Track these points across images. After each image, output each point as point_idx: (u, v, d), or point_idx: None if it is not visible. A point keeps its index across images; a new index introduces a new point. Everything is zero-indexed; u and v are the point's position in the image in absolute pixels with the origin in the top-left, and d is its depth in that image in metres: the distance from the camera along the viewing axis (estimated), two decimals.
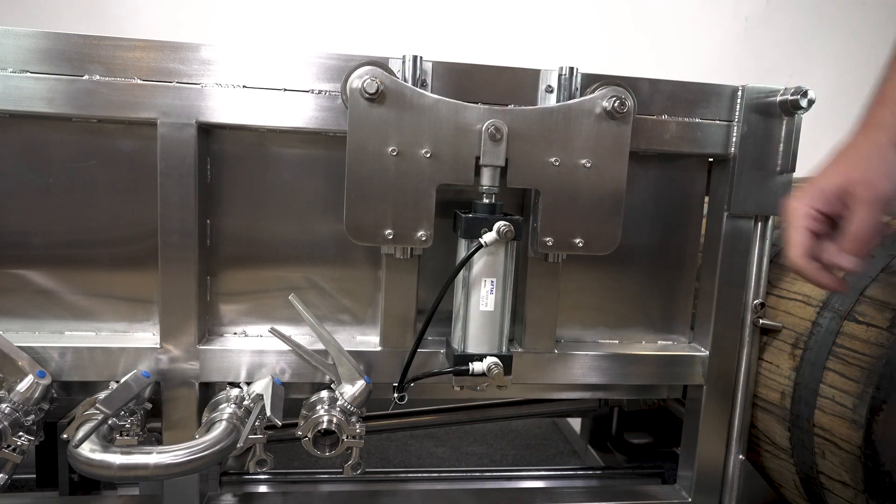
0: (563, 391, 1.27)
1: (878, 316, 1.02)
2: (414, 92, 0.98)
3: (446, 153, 1.00)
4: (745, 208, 1.16)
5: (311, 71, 1.02)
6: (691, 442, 1.25)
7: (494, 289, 1.02)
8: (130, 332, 1.11)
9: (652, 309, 1.26)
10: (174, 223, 1.03)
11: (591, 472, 1.47)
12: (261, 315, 1.15)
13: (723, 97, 1.13)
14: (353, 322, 1.17)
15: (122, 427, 1.00)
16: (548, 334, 1.16)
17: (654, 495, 1.30)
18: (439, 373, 1.07)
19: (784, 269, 1.23)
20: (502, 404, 1.57)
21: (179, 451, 0.94)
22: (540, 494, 1.34)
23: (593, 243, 1.07)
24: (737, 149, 1.13)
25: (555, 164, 1.03)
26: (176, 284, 1.05)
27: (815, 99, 1.08)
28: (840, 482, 1.07)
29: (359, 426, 1.04)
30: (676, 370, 1.21)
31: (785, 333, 1.17)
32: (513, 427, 2.08)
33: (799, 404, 1.11)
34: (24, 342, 1.03)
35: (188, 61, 0.99)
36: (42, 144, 1.04)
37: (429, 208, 1.02)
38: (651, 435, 1.69)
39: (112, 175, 1.06)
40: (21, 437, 0.96)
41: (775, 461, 1.22)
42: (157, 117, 1.00)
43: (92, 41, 0.97)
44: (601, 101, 1.03)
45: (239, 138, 1.09)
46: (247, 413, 1.02)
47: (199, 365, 1.08)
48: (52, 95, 0.97)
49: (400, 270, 1.09)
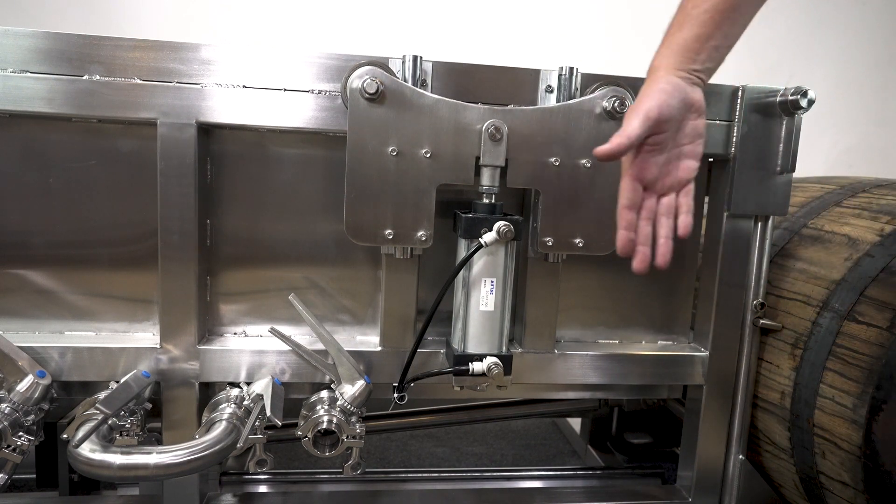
0: (563, 391, 1.27)
1: (878, 316, 1.02)
2: (414, 92, 0.98)
3: (446, 153, 1.00)
4: (745, 208, 1.16)
5: (311, 71, 1.02)
6: (691, 442, 1.25)
7: (494, 289, 1.02)
8: (130, 332, 1.11)
9: (652, 309, 1.26)
10: (174, 223, 1.03)
11: (590, 472, 1.47)
12: (261, 315, 1.15)
13: (723, 97, 1.13)
14: (353, 322, 1.17)
15: (122, 427, 1.00)
16: (548, 334, 1.16)
17: (654, 495, 1.30)
18: (439, 373, 1.07)
19: (784, 269, 1.23)
20: (502, 404, 1.57)
21: (179, 451, 0.94)
22: (540, 494, 1.34)
23: (593, 243, 1.07)
24: (737, 149, 1.13)
25: (555, 164, 1.03)
26: (176, 284, 1.05)
27: (815, 99, 1.08)
28: (840, 482, 1.07)
29: (359, 426, 1.04)
30: (676, 370, 1.21)
31: (785, 333, 1.17)
32: (513, 427, 2.08)
33: (799, 404, 1.11)
34: (24, 342, 1.03)
35: (188, 61, 0.99)
36: (42, 144, 1.04)
37: (429, 208, 1.02)
38: (651, 435, 1.69)
39: (112, 175, 1.06)
40: (21, 437, 0.96)
41: (775, 461, 1.22)
42: (157, 117, 1.00)
43: (92, 41, 0.97)
44: (601, 101, 1.03)
45: (239, 138, 1.09)
46: (247, 413, 1.02)
47: (199, 365, 1.08)
48: (52, 95, 0.97)
49: (400, 270, 1.09)
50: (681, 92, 0.84)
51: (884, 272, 1.06)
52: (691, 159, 0.88)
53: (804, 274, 1.18)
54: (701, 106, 0.87)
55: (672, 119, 0.85)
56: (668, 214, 0.88)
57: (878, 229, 1.12)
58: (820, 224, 1.23)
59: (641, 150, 0.86)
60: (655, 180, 0.88)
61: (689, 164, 0.88)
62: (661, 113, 0.83)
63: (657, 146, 0.86)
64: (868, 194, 1.24)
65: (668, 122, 0.84)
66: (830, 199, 1.28)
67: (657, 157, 0.87)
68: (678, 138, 0.87)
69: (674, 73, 0.84)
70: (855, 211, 1.20)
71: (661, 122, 0.84)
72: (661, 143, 0.86)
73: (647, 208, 0.89)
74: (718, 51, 0.86)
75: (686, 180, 0.89)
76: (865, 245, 1.11)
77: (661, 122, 0.84)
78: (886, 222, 1.12)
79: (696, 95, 0.86)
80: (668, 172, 0.88)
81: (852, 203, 1.23)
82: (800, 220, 1.28)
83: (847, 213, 1.21)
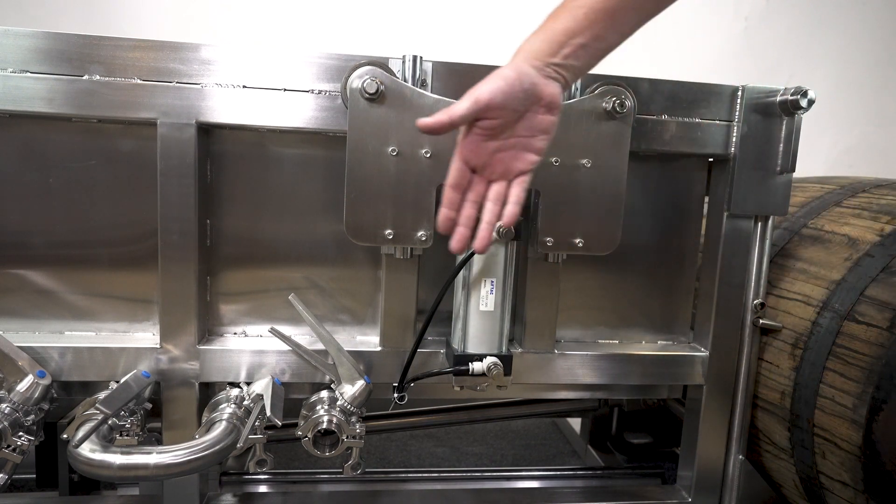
0: (563, 391, 1.27)
1: (878, 316, 1.02)
2: (414, 92, 0.98)
3: (446, 153, 1.00)
4: (745, 208, 1.16)
5: (311, 71, 1.02)
6: (691, 442, 1.25)
7: (494, 289, 1.02)
8: (130, 332, 1.11)
9: (652, 309, 1.26)
10: (174, 223, 1.03)
11: (590, 472, 1.47)
12: (261, 315, 1.15)
13: (723, 97, 1.13)
14: (353, 322, 1.17)
15: (122, 427, 1.00)
16: (548, 334, 1.16)
17: (654, 495, 1.30)
18: (439, 373, 1.07)
19: (784, 269, 1.23)
20: (502, 404, 1.57)
21: (179, 451, 0.94)
22: (540, 494, 1.34)
23: (593, 243, 1.07)
24: (737, 149, 1.13)
25: (555, 164, 1.03)
26: (176, 284, 1.05)
27: (815, 99, 1.08)
28: (840, 482, 1.07)
29: (359, 426, 1.04)
30: (676, 370, 1.21)
31: (785, 333, 1.17)
32: (513, 427, 2.08)
33: (799, 404, 1.11)
34: (24, 342, 1.03)
35: (188, 61, 0.99)
36: (42, 144, 1.04)
37: (429, 208, 1.02)
38: (651, 435, 1.68)
39: (112, 175, 1.06)
40: (21, 437, 0.96)
41: (775, 461, 1.22)
42: (157, 117, 1.00)
43: (92, 41, 0.97)
44: (601, 101, 1.03)
45: (239, 138, 1.09)
46: (247, 413, 1.02)
47: (199, 365, 1.08)
48: (52, 95, 0.97)
49: (400, 270, 1.09)
50: (526, 82, 0.80)
51: (884, 272, 1.06)
52: (530, 152, 0.85)
53: (804, 274, 1.18)
54: (553, 102, 0.83)
55: (508, 108, 0.80)
56: (496, 201, 0.85)
57: (878, 229, 1.12)
58: (820, 224, 1.23)
59: (471, 133, 0.83)
60: (485, 166, 0.85)
61: (528, 156, 0.85)
62: (492, 99, 0.79)
63: (489, 131, 0.82)
64: (868, 194, 1.24)
65: (502, 110, 0.80)
66: (830, 199, 1.28)
67: (489, 143, 0.83)
68: (518, 129, 0.83)
69: (530, 61, 0.81)
70: (855, 211, 1.20)
71: (493, 109, 0.80)
72: (493, 129, 0.82)
73: (474, 191, 0.85)
74: (585, 50, 0.82)
75: (521, 171, 0.85)
76: (865, 245, 1.11)
77: (494, 108, 0.80)
78: (886, 222, 1.12)
79: (548, 90, 0.82)
80: (501, 160, 0.84)
81: (852, 203, 1.23)
82: (800, 220, 1.28)
83: (847, 213, 1.21)
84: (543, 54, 0.81)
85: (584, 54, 0.83)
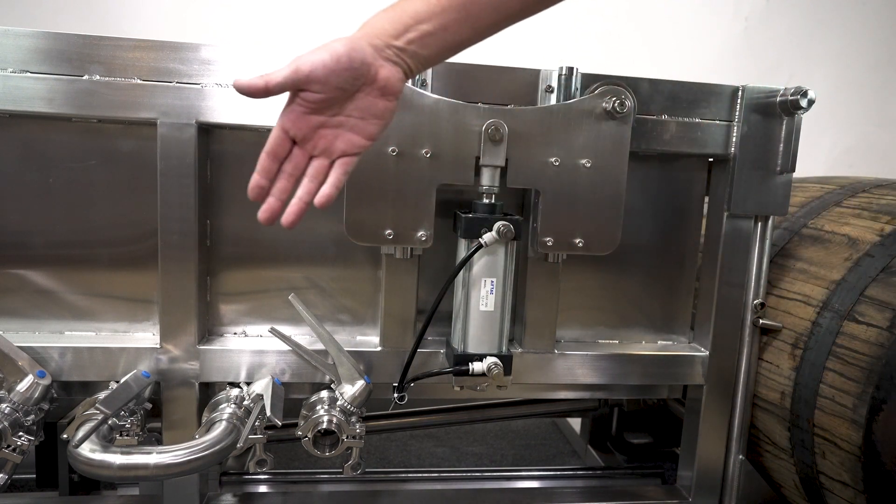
0: (563, 391, 1.27)
1: (877, 316, 1.02)
2: (414, 92, 0.98)
3: (446, 153, 1.00)
4: (745, 208, 1.16)
5: None
6: (691, 442, 1.25)
7: (494, 289, 1.02)
8: (130, 332, 1.11)
9: (652, 309, 1.26)
10: (174, 223, 1.03)
11: (590, 473, 1.47)
12: (261, 315, 1.15)
13: (723, 97, 1.13)
14: (353, 322, 1.17)
15: (122, 427, 1.00)
16: (548, 334, 1.16)
17: (654, 495, 1.30)
18: (439, 373, 1.07)
19: (784, 269, 1.23)
20: (502, 404, 1.57)
21: (179, 451, 0.94)
22: (540, 494, 1.34)
23: (593, 243, 1.07)
24: (737, 149, 1.13)
25: (555, 164, 1.03)
26: (176, 284, 1.05)
27: (815, 99, 1.08)
28: (840, 482, 1.07)
29: (359, 426, 1.04)
30: (676, 370, 1.21)
31: (785, 333, 1.17)
32: (513, 427, 2.08)
33: (799, 404, 1.11)
34: (24, 342, 1.03)
35: (188, 61, 0.99)
36: (42, 144, 1.04)
37: (429, 208, 1.02)
38: (651, 435, 1.69)
39: (112, 175, 1.06)
40: (21, 437, 0.96)
41: (775, 461, 1.22)
42: (157, 117, 1.00)
43: (92, 41, 0.97)
44: (601, 101, 1.03)
45: (239, 138, 1.09)
46: (247, 413, 1.02)
47: (199, 365, 1.07)
48: (52, 95, 0.97)
49: (400, 270, 1.09)
50: (357, 60, 0.76)
51: (884, 272, 1.06)
52: (359, 136, 0.80)
53: (804, 274, 1.18)
54: (388, 86, 0.79)
55: (331, 84, 0.76)
56: (313, 179, 0.81)
57: (878, 229, 1.12)
58: (820, 224, 1.23)
59: (294, 102, 0.78)
60: (306, 139, 0.80)
61: (355, 139, 0.80)
62: (312, 71, 0.75)
63: (312, 104, 0.78)
64: (868, 194, 1.24)
65: (324, 85, 0.76)
66: (830, 199, 1.28)
67: (311, 116, 0.79)
68: (348, 108, 0.79)
69: (371, 39, 0.77)
70: (855, 211, 1.20)
71: (314, 82, 0.76)
72: (316, 103, 0.77)
73: (293, 163, 0.81)
74: (433, 39, 0.78)
75: (344, 152, 0.81)
76: (865, 245, 1.11)
77: (315, 81, 0.75)
78: (886, 222, 1.12)
79: (384, 72, 0.78)
80: (325, 137, 0.80)
81: (852, 203, 1.23)
82: (800, 220, 1.28)
83: (847, 213, 1.21)
84: (386, 34, 0.78)
85: (432, 43, 0.79)
